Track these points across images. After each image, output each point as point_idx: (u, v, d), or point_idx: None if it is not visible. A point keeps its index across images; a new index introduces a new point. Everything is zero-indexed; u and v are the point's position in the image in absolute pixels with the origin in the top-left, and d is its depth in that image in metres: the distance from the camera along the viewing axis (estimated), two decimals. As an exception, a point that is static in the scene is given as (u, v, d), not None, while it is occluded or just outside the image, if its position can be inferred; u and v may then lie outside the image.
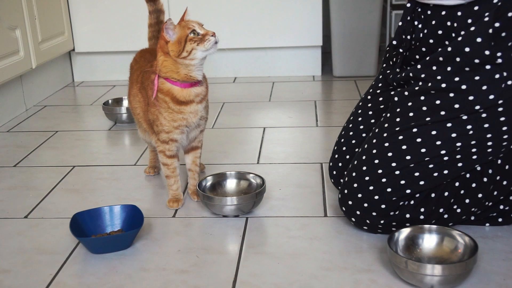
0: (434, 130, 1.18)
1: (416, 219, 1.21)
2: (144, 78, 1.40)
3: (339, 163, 1.42)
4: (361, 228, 1.27)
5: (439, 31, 1.22)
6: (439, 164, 1.18)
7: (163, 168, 1.44)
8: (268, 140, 1.90)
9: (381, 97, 1.39)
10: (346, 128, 1.44)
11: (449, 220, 1.24)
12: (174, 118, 1.34)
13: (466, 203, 1.23)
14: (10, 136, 2.03)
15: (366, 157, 1.24)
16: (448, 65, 1.17)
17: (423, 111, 1.19)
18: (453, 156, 1.18)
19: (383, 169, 1.20)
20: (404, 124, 1.21)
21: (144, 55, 1.51)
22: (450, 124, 1.16)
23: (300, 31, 2.66)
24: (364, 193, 1.22)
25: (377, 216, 1.22)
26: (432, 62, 1.20)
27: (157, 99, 1.33)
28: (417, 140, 1.19)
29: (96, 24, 2.70)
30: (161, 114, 1.34)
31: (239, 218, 1.37)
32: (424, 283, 1.05)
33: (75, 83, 2.81)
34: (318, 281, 1.11)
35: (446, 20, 1.20)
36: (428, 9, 1.24)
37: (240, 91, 2.53)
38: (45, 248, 1.26)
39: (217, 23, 2.66)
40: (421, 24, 1.26)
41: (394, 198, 1.20)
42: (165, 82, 1.32)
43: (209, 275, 1.14)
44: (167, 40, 1.30)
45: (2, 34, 2.08)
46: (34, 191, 1.56)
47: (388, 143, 1.22)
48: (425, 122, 1.18)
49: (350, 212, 1.25)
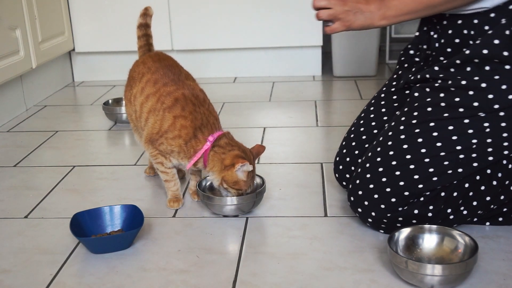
0: (451, 125, 1.18)
1: (424, 216, 1.21)
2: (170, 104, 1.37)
3: (347, 158, 1.41)
4: (365, 222, 1.27)
5: (456, 40, 1.23)
6: (454, 161, 1.18)
7: (161, 175, 1.43)
8: (268, 140, 1.90)
9: (395, 95, 1.39)
10: (357, 124, 1.43)
11: (454, 221, 1.24)
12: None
13: (473, 205, 1.23)
14: (10, 136, 2.03)
15: (381, 149, 1.24)
16: (467, 66, 1.18)
17: (441, 107, 1.19)
18: (468, 154, 1.18)
19: (398, 161, 1.21)
20: (421, 118, 1.21)
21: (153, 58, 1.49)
22: (468, 121, 1.17)
23: (300, 31, 2.66)
24: (376, 184, 1.22)
25: (385, 209, 1.21)
26: (449, 65, 1.21)
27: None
28: (433, 134, 1.19)
29: (96, 24, 2.70)
30: (179, 139, 1.34)
31: (239, 218, 1.37)
32: (424, 283, 1.05)
33: (75, 83, 2.81)
34: (318, 281, 1.11)
35: (462, 28, 1.21)
36: (444, 19, 1.24)
37: (240, 91, 2.53)
38: (45, 248, 1.26)
39: (217, 23, 2.67)
40: (436, 35, 1.27)
41: (406, 193, 1.20)
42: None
43: (209, 275, 1.14)
44: (231, 169, 1.30)
45: (2, 34, 2.08)
46: (34, 191, 1.56)
47: (404, 135, 1.22)
48: (443, 117, 1.19)
49: (358, 202, 1.25)
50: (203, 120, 1.34)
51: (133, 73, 1.49)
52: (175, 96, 1.36)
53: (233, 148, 1.33)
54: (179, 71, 1.44)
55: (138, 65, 1.48)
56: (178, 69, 1.45)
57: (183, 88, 1.38)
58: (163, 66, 1.43)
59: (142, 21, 1.57)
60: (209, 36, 2.69)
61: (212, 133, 1.34)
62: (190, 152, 1.34)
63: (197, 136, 1.33)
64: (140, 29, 1.57)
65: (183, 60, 1.65)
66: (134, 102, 1.44)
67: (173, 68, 1.43)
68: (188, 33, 2.68)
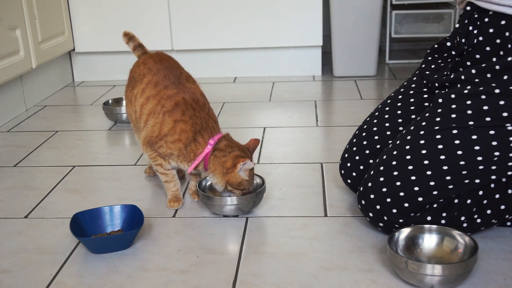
0: (475, 135, 1.14)
1: (437, 223, 1.18)
2: (170, 107, 1.37)
3: (356, 156, 1.38)
4: (376, 226, 1.25)
5: (497, 40, 1.19)
6: (473, 171, 1.15)
7: (160, 176, 1.43)
8: (268, 140, 1.90)
9: (412, 98, 1.36)
10: (370, 122, 1.40)
11: (468, 229, 1.21)
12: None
13: (487, 213, 1.20)
14: (10, 136, 2.03)
15: (397, 152, 1.21)
16: (505, 74, 1.15)
17: (467, 115, 1.15)
18: (488, 166, 1.14)
19: (414, 166, 1.17)
20: (444, 124, 1.17)
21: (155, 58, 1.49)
22: (493, 132, 1.13)
23: (300, 31, 2.66)
24: (390, 188, 1.19)
25: (397, 214, 1.19)
26: (487, 69, 1.17)
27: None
28: (455, 141, 1.15)
29: (96, 24, 2.70)
30: (179, 142, 1.35)
31: (239, 218, 1.37)
32: (424, 283, 1.05)
33: (75, 83, 2.81)
34: (318, 281, 1.11)
35: (505, 30, 1.17)
36: (486, 16, 1.21)
37: (240, 91, 2.53)
38: (45, 248, 1.26)
39: (217, 23, 2.67)
40: (476, 30, 1.23)
41: (420, 199, 1.17)
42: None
43: (209, 275, 1.14)
44: (234, 170, 1.31)
45: (2, 34, 2.08)
46: (34, 191, 1.56)
47: (423, 141, 1.18)
48: (467, 125, 1.15)
49: (369, 206, 1.22)
50: (203, 124, 1.34)
51: (134, 74, 1.49)
52: (176, 100, 1.36)
53: (233, 149, 1.33)
54: (180, 73, 1.44)
55: (139, 66, 1.48)
56: (179, 71, 1.44)
57: (183, 92, 1.38)
58: (164, 67, 1.43)
59: (132, 43, 1.58)
60: (209, 36, 2.69)
61: (212, 136, 1.34)
62: (190, 156, 1.34)
63: (197, 140, 1.33)
64: (136, 51, 1.58)
65: (183, 60, 1.65)
66: (134, 102, 1.44)
67: (174, 69, 1.43)
68: (188, 33, 2.69)
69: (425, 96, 1.34)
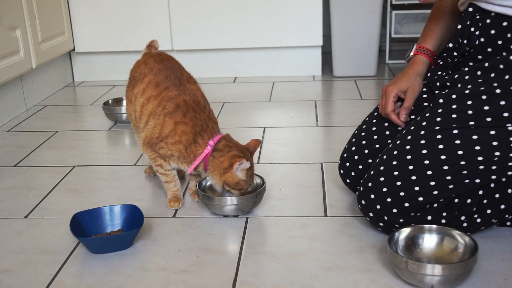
0: (475, 135, 1.14)
1: (438, 222, 1.19)
2: (172, 108, 1.37)
3: (355, 156, 1.39)
4: (376, 226, 1.25)
5: (498, 41, 1.19)
6: (473, 171, 1.15)
7: (160, 176, 1.43)
8: (268, 140, 1.90)
9: None
10: (369, 122, 1.40)
11: (468, 229, 1.21)
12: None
13: (487, 213, 1.20)
14: (10, 136, 2.03)
15: (397, 152, 1.21)
16: (506, 74, 1.15)
17: (468, 115, 1.16)
18: (489, 166, 1.14)
19: (415, 166, 1.17)
20: (445, 124, 1.17)
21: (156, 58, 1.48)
22: (494, 132, 1.13)
23: (300, 31, 2.66)
24: (390, 188, 1.19)
25: (397, 214, 1.19)
26: (491, 69, 1.17)
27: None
28: (456, 141, 1.15)
29: (96, 24, 2.70)
30: (180, 144, 1.35)
31: (239, 218, 1.37)
32: (424, 283, 1.05)
33: (75, 83, 2.81)
34: (318, 281, 1.11)
35: (506, 31, 1.18)
36: (488, 18, 1.21)
37: (240, 91, 2.53)
38: (45, 248, 1.26)
39: (217, 23, 2.67)
40: (478, 31, 1.23)
41: (420, 199, 1.17)
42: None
43: (209, 275, 1.14)
44: (230, 170, 1.31)
45: (2, 34, 2.08)
46: (34, 191, 1.56)
47: (424, 141, 1.18)
48: (468, 125, 1.15)
49: (369, 206, 1.22)
50: (203, 125, 1.35)
51: (135, 73, 1.48)
52: (177, 102, 1.36)
53: (231, 149, 1.34)
54: (181, 74, 1.44)
55: (140, 65, 1.48)
56: (180, 71, 1.44)
57: (184, 94, 1.38)
58: (165, 67, 1.43)
59: (147, 51, 1.56)
60: (209, 36, 2.69)
61: (212, 137, 1.34)
62: (190, 157, 1.35)
63: (197, 141, 1.34)
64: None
65: (183, 60, 1.65)
66: (134, 102, 1.44)
67: (175, 70, 1.43)
68: (188, 33, 2.69)
69: (424, 96, 1.34)
